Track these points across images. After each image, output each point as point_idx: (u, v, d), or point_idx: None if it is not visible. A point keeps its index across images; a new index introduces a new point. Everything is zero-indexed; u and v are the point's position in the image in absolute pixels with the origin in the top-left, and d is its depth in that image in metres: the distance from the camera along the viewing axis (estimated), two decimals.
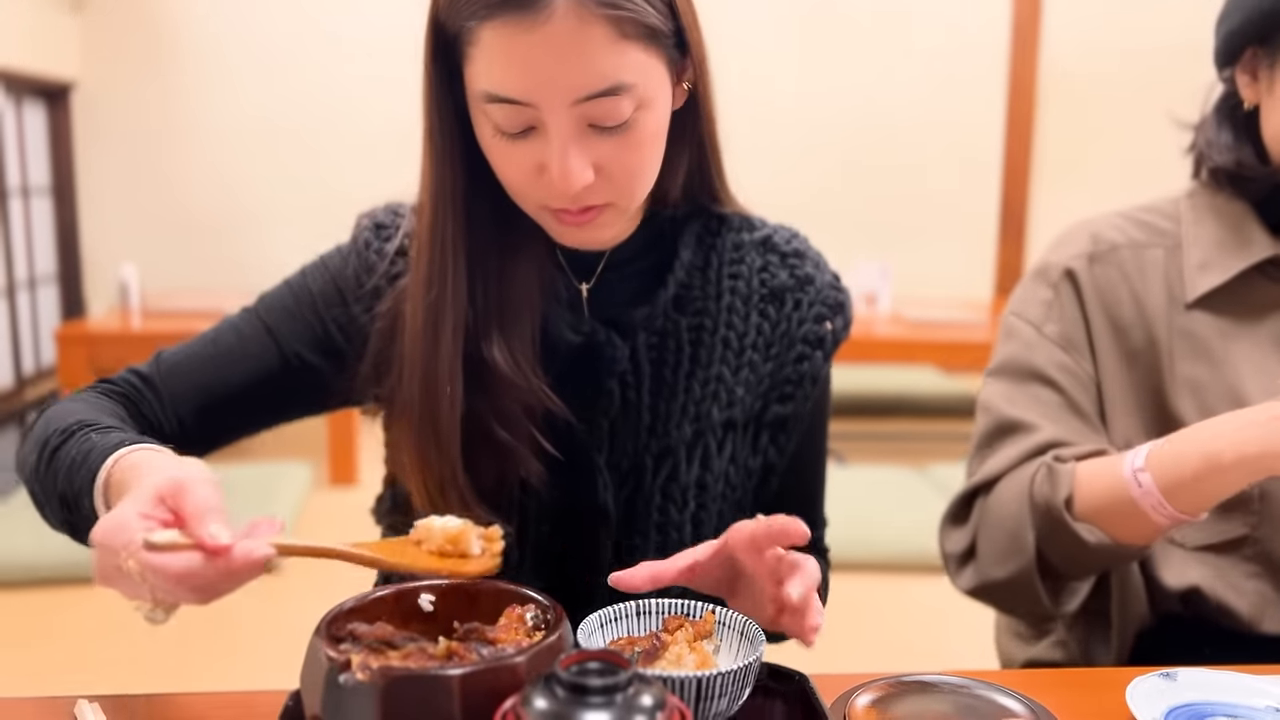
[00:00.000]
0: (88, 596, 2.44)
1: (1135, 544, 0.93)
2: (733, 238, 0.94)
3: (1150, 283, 1.02)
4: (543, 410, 0.85)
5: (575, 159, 0.75)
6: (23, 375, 4.70)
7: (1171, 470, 0.87)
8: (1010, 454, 1.00)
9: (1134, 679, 0.79)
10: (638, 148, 0.78)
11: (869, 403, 4.64)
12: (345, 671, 0.59)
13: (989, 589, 1.00)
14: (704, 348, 0.91)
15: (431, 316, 0.83)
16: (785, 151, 5.01)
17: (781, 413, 0.93)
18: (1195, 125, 1.08)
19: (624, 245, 0.91)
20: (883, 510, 2.89)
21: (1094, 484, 0.91)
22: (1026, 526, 0.94)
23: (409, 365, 0.84)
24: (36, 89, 4.81)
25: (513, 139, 0.77)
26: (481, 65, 0.75)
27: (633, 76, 0.75)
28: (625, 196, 0.81)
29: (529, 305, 0.86)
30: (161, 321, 3.52)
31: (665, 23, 0.77)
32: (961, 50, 5.13)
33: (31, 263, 4.82)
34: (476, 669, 0.59)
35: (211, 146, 5.03)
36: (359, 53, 4.95)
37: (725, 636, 0.77)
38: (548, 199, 0.80)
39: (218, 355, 0.89)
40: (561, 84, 0.73)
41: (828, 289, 0.95)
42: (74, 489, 0.74)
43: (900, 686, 0.79)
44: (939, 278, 5.08)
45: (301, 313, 0.90)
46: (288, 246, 4.99)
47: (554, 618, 0.66)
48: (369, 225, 0.93)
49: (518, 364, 0.84)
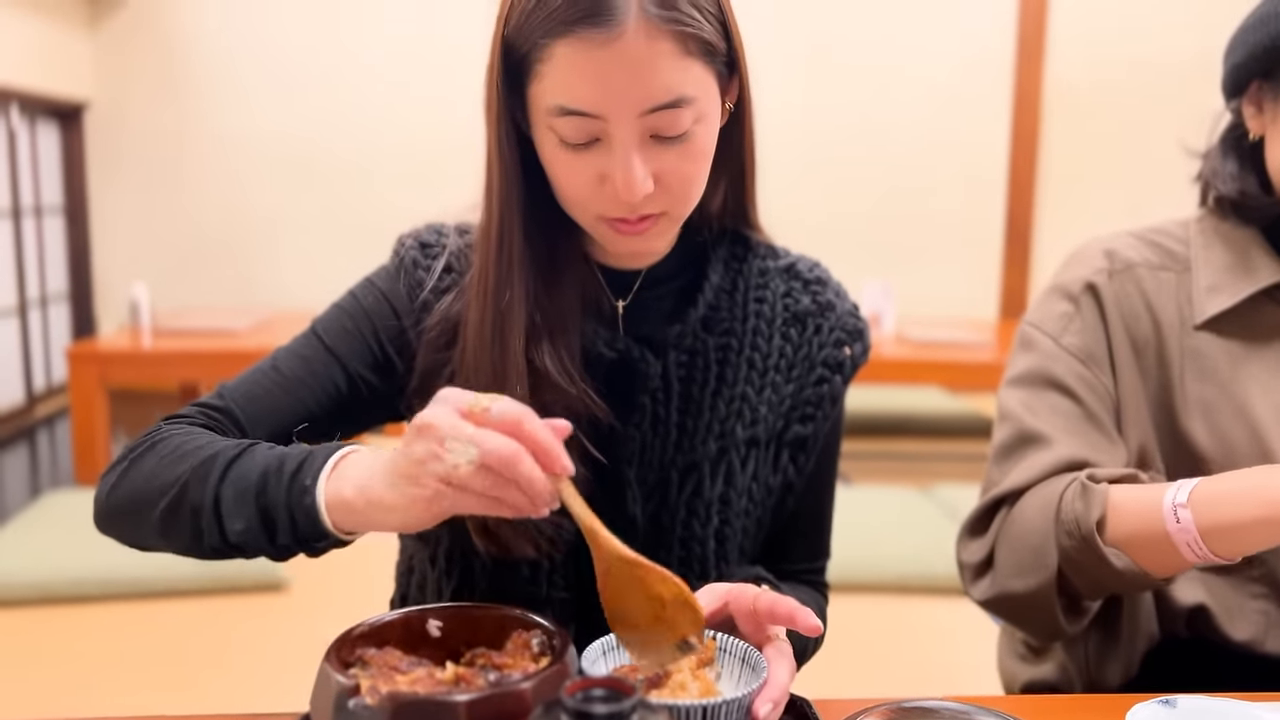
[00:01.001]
0: (93, 616, 2.45)
1: (1161, 575, 0.93)
2: (759, 264, 0.98)
3: (1164, 302, 1.04)
4: (587, 415, 0.88)
5: (639, 169, 0.79)
6: (34, 392, 4.74)
7: (1213, 513, 0.86)
8: (1033, 466, 1.00)
9: (1134, 705, 0.80)
10: (695, 159, 0.82)
11: (875, 422, 4.65)
12: (355, 696, 0.61)
13: (1004, 600, 1.00)
14: (730, 367, 0.94)
15: (499, 321, 0.85)
16: (788, 171, 5.04)
17: (802, 433, 0.96)
18: (1202, 154, 1.10)
19: (660, 265, 0.94)
20: (888, 531, 2.89)
21: (1128, 511, 0.91)
22: (1050, 543, 0.94)
23: (474, 370, 0.86)
24: (50, 109, 4.87)
25: (577, 151, 0.80)
26: (553, 80, 0.78)
27: (694, 90, 0.79)
28: (679, 205, 0.84)
29: (573, 318, 0.89)
30: (172, 340, 3.54)
31: (720, 41, 0.81)
32: (966, 70, 5.15)
33: (43, 281, 4.87)
34: (483, 695, 0.60)
35: (222, 167, 5.08)
36: (368, 76, 5.00)
37: (727, 664, 0.77)
38: (607, 209, 0.82)
39: (287, 381, 0.90)
40: (631, 97, 0.77)
41: (847, 316, 0.99)
42: (278, 499, 0.73)
43: (901, 713, 0.80)
44: (944, 298, 5.10)
45: (360, 332, 0.92)
46: (296, 266, 5.03)
47: (559, 644, 0.67)
48: (414, 245, 0.95)
49: (566, 370, 0.87)
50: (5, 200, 4.49)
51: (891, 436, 4.61)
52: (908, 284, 4.81)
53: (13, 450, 4.20)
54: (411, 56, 4.96)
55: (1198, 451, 1.00)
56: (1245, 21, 1.03)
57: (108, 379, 3.35)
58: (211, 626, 2.42)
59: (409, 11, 4.96)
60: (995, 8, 5.13)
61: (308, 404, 0.90)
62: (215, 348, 3.46)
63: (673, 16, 0.76)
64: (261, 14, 4.99)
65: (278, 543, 0.74)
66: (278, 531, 0.73)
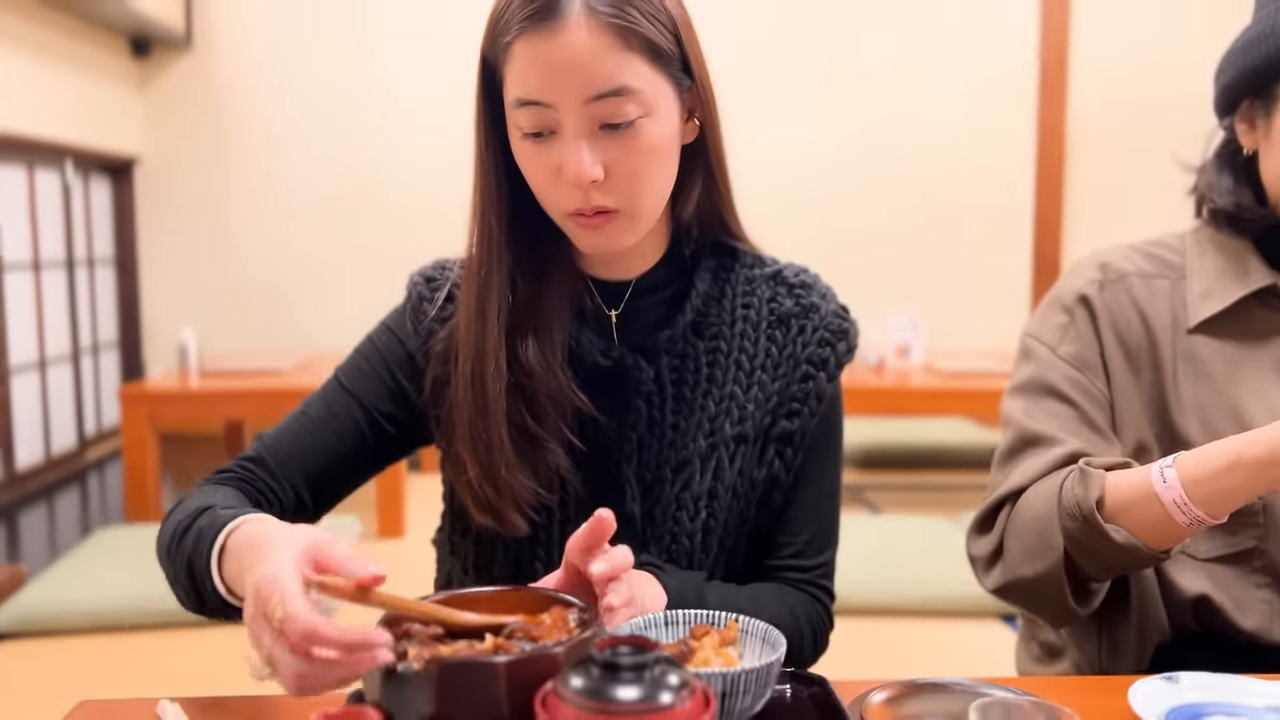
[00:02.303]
0: (146, 643, 2.52)
1: (1159, 546, 0.97)
2: (745, 272, 1.04)
3: (1157, 308, 1.09)
4: (572, 409, 0.96)
5: (586, 153, 0.87)
6: (85, 436, 4.88)
7: (1195, 468, 0.92)
8: (1035, 465, 1.05)
9: (1137, 681, 0.84)
10: (643, 154, 0.89)
11: (903, 455, 4.65)
12: (403, 661, 0.66)
13: (1015, 586, 1.04)
14: (719, 368, 1.00)
15: (479, 295, 0.95)
16: (812, 202, 5.11)
17: (789, 428, 1.01)
18: (1197, 169, 1.15)
19: (648, 276, 1.01)
20: (916, 556, 2.90)
21: (1124, 485, 0.96)
22: (1055, 526, 0.99)
23: (461, 348, 0.95)
24: (102, 165, 5.07)
25: (536, 143, 0.89)
26: (513, 76, 0.88)
27: (637, 83, 0.86)
28: (632, 202, 0.91)
29: (559, 320, 0.97)
30: (218, 380, 3.65)
31: (669, 45, 0.89)
32: (989, 102, 5.20)
33: (95, 329, 5.03)
34: (520, 657, 0.65)
35: (265, 216, 5.25)
36: (407, 129, 5.16)
37: (748, 643, 0.82)
38: (565, 202, 0.91)
39: (312, 425, 1.00)
40: (575, 84, 0.85)
41: (832, 316, 1.03)
42: (199, 565, 0.82)
43: (914, 688, 0.84)
44: (972, 330, 5.10)
45: (374, 370, 1.02)
46: (337, 311, 5.17)
47: (591, 618, 0.73)
48: (420, 280, 1.05)
49: (547, 362, 0.95)
50: (59, 251, 4.67)
51: (920, 469, 4.61)
52: (935, 315, 4.82)
53: (65, 492, 4.33)
54: (447, 107, 5.11)
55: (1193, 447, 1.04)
56: (1234, 44, 1.09)
57: (157, 418, 3.47)
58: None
59: (446, 62, 5.13)
60: (1017, 40, 5.19)
61: (331, 443, 0.99)
62: (259, 386, 3.57)
63: (614, 12, 0.85)
64: (301, 69, 5.18)
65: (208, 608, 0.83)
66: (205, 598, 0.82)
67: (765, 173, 4.95)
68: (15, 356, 4.23)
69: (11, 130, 4.05)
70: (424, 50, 5.16)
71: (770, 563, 1.03)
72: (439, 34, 5.15)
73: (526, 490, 0.94)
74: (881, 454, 4.63)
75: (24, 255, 4.33)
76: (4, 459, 4.12)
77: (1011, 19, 5.19)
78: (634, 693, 0.61)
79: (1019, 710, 0.67)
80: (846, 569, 2.66)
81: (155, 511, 3.49)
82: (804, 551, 1.03)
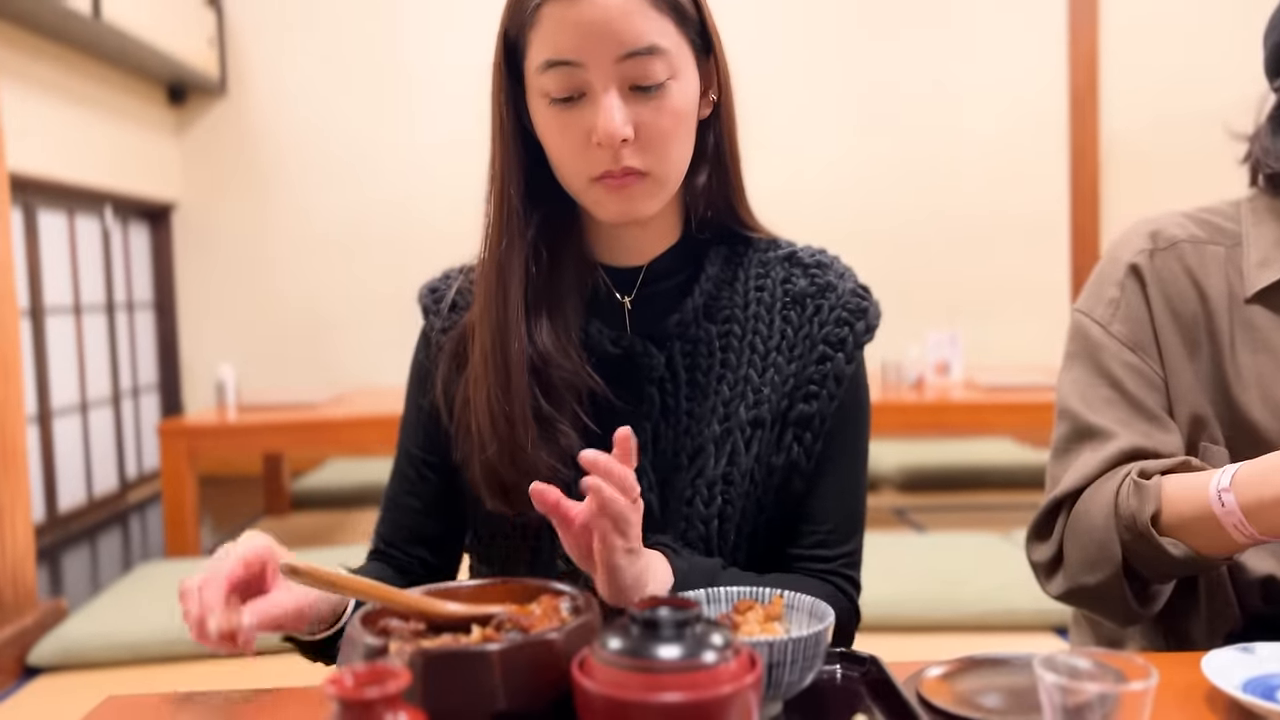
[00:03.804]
0: (184, 674, 2.52)
1: (1218, 555, 0.94)
2: (759, 256, 1.02)
3: (1211, 276, 1.05)
4: (586, 390, 0.94)
5: (618, 111, 0.86)
6: (126, 479, 4.93)
7: (1254, 492, 0.87)
8: (1090, 463, 1.02)
9: (1210, 651, 0.79)
10: (671, 115, 0.89)
11: (948, 477, 4.57)
12: (383, 655, 0.60)
13: (1078, 593, 1.02)
14: (732, 351, 0.97)
15: (500, 269, 0.94)
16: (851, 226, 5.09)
17: (807, 411, 0.97)
18: (1249, 136, 1.11)
19: (660, 261, 1.00)
20: (965, 572, 2.83)
21: (1179, 501, 0.93)
22: (1113, 538, 0.96)
23: (481, 324, 0.94)
24: (141, 210, 5.17)
25: (564, 107, 0.88)
26: (542, 39, 0.87)
27: (665, 43, 0.87)
28: (660, 164, 0.90)
29: (573, 304, 0.96)
30: (255, 415, 3.67)
31: (692, 11, 0.90)
32: (1023, 120, 5.19)
33: (135, 372, 5.10)
34: (515, 645, 0.60)
35: (300, 257, 5.32)
36: (436, 167, 5.23)
37: (794, 619, 0.79)
38: (594, 166, 0.89)
39: (398, 496, 1.04)
40: (608, 42, 0.85)
41: (850, 296, 1.00)
42: None
43: (971, 663, 0.80)
44: (1011, 348, 5.04)
45: (419, 419, 1.03)
46: (369, 348, 5.20)
47: (585, 604, 0.67)
48: (426, 293, 1.06)
49: (562, 345, 0.94)
50: (100, 296, 4.75)
51: (965, 490, 4.52)
52: (974, 334, 4.77)
53: (107, 533, 4.36)
54: (475, 144, 5.15)
55: (1252, 421, 1.00)
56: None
57: (196, 453, 3.49)
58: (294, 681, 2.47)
59: (474, 99, 5.18)
60: (1048, 60, 5.19)
61: (417, 507, 1.03)
62: (295, 419, 3.59)
63: None
64: (332, 112, 5.28)
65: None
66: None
67: (804, 190, 4.95)
68: (57, 399, 4.29)
69: (52, 177, 4.14)
70: (453, 88, 5.23)
71: (793, 551, 0.99)
72: (467, 72, 5.22)
73: (545, 467, 0.91)
74: (924, 475, 4.56)
75: (65, 300, 4.41)
76: (46, 500, 4.16)
77: (1042, 39, 5.20)
78: (676, 651, 0.58)
79: (1085, 668, 0.62)
80: (897, 586, 2.63)
81: (195, 547, 3.50)
82: (827, 540, 0.98)
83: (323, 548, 3.67)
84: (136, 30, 4.29)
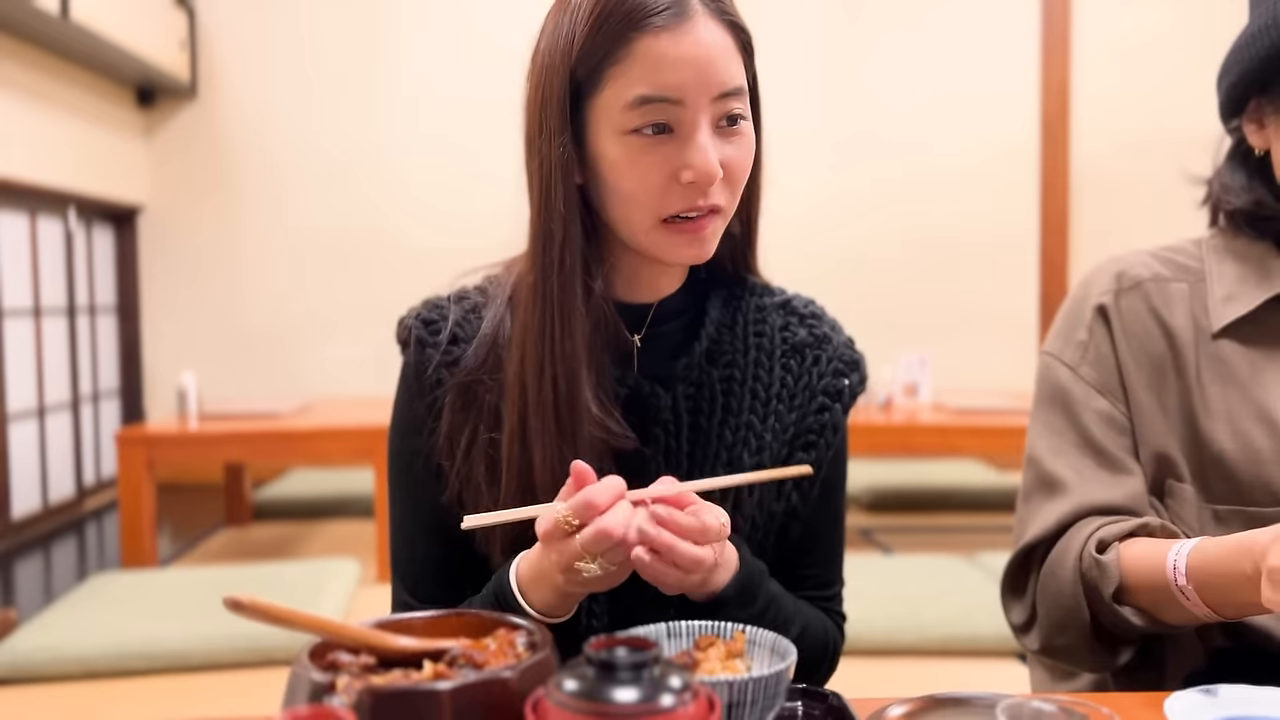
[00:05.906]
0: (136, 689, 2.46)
1: (1185, 625, 0.96)
2: (755, 301, 1.02)
3: (1176, 313, 1.06)
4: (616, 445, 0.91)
5: (714, 151, 0.86)
6: (84, 486, 4.83)
7: (1209, 578, 0.89)
8: (1048, 517, 1.04)
9: (1172, 694, 0.78)
10: (747, 153, 0.90)
11: (915, 498, 4.59)
12: (330, 692, 0.58)
13: (1053, 650, 1.06)
14: (734, 397, 0.97)
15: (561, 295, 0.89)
16: (825, 251, 5.11)
17: (806, 460, 0.97)
18: (1207, 179, 1.13)
19: (670, 299, 0.98)
20: (931, 595, 2.83)
21: (1140, 572, 0.95)
22: (1081, 604, 0.99)
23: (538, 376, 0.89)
24: (106, 213, 5.09)
25: (650, 145, 0.85)
26: (633, 74, 0.84)
27: (743, 82, 0.88)
28: (732, 201, 0.90)
29: (600, 354, 0.92)
30: (216, 424, 3.61)
31: (749, 59, 0.91)
32: (994, 148, 5.25)
33: (96, 377, 5.01)
34: (467, 683, 0.58)
35: (267, 264, 5.26)
36: (409, 177, 5.21)
37: (757, 655, 0.78)
38: (675, 205, 0.86)
39: (411, 550, 0.99)
40: (707, 80, 0.84)
41: (843, 347, 1.02)
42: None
43: (933, 702, 0.79)
44: (979, 372, 5.09)
45: (422, 468, 0.97)
46: (337, 356, 5.15)
47: (541, 640, 0.65)
48: (417, 325, 0.98)
49: (606, 407, 0.90)
50: (61, 299, 4.67)
51: (931, 511, 4.54)
52: (943, 357, 4.80)
53: (62, 542, 4.27)
54: (447, 152, 5.15)
55: (1220, 453, 1.01)
56: (1235, 44, 1.06)
57: (155, 461, 3.42)
58: (250, 699, 2.42)
59: (445, 108, 5.17)
60: (1019, 89, 5.26)
61: (437, 555, 0.97)
62: (257, 429, 3.53)
63: (725, 11, 0.87)
64: (305, 119, 5.23)
65: None
66: None
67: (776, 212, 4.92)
68: (14, 403, 4.20)
69: (15, 177, 4.06)
70: (425, 96, 5.21)
71: (796, 593, 1.01)
72: (443, 83, 5.21)
73: None
74: (891, 496, 4.57)
75: (25, 302, 4.33)
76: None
77: (1014, 67, 5.27)
78: (632, 694, 0.56)
79: (1050, 715, 0.61)
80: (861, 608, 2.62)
81: (152, 557, 3.43)
82: (820, 578, 1.03)
83: (284, 560, 3.62)
84: (105, 31, 4.23)
